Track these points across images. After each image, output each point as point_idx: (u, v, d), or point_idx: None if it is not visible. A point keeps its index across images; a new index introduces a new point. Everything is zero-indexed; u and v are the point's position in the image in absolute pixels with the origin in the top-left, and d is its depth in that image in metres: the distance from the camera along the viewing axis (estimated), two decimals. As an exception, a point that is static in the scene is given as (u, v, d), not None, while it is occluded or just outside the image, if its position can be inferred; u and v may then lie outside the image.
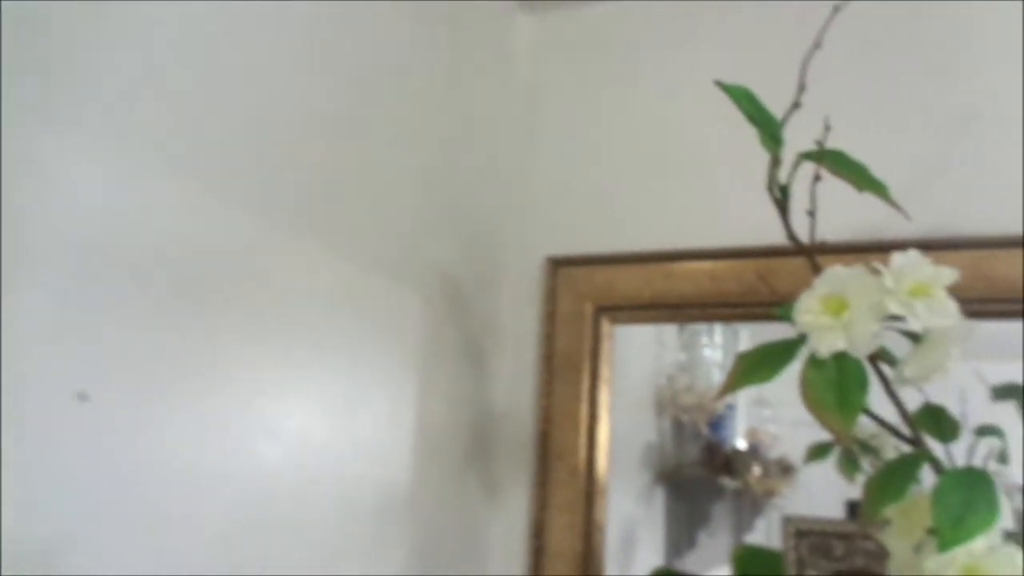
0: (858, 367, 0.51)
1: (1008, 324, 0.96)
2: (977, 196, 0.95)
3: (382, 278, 0.88)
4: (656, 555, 1.20)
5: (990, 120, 0.96)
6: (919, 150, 0.99)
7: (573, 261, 1.10)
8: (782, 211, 0.54)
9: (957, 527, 0.47)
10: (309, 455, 0.74)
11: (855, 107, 1.02)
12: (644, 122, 1.12)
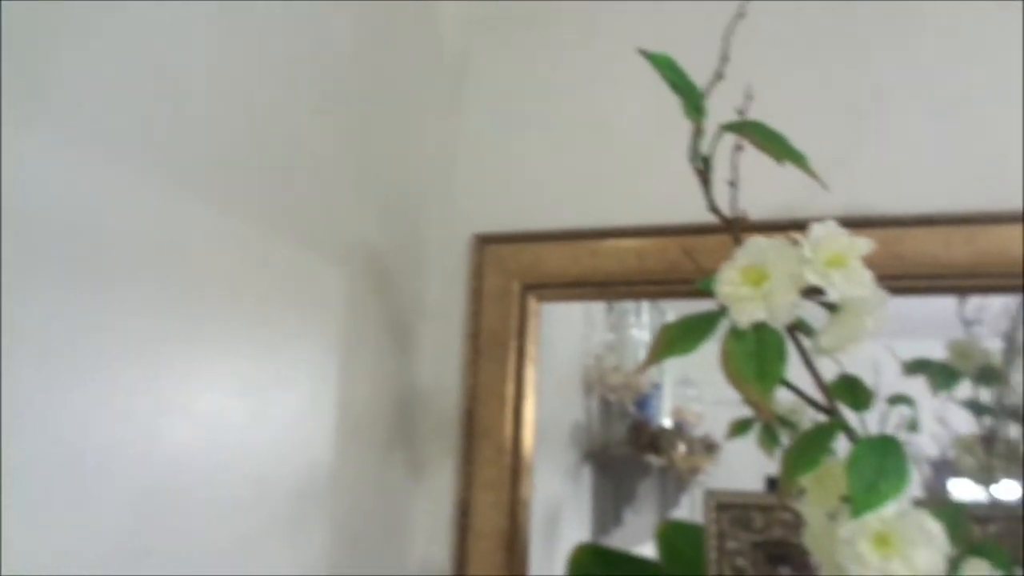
0: (777, 338, 0.51)
1: (922, 302, 1.00)
2: (892, 175, 0.98)
3: (303, 254, 0.85)
4: (583, 532, 1.21)
5: (908, 100, 0.99)
6: (837, 128, 1.01)
7: (500, 238, 1.09)
8: (704, 182, 0.54)
9: (870, 493, 0.47)
10: (221, 436, 0.71)
11: (778, 85, 1.04)
12: (572, 99, 1.11)
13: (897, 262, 0.95)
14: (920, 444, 0.92)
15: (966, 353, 1.02)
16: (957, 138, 0.96)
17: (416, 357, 1.08)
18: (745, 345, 0.51)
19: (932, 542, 0.48)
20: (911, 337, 1.00)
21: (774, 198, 1.01)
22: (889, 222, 0.95)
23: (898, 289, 0.94)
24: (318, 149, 0.88)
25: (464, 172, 1.15)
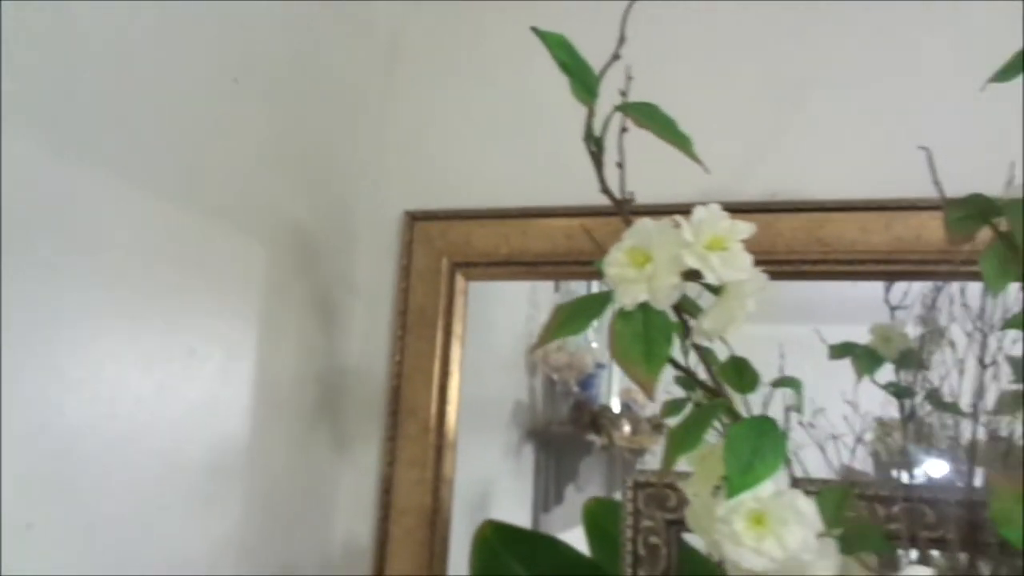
0: (664, 320, 0.52)
1: (856, 289, 1.02)
2: (815, 162, 0.99)
3: (220, 226, 0.83)
4: (524, 510, 1.22)
5: (831, 89, 1.00)
6: (762, 115, 1.02)
7: (430, 216, 1.08)
8: (597, 164, 0.54)
9: (746, 473, 0.48)
10: (124, 408, 0.70)
11: (705, 73, 1.05)
12: (504, 79, 1.10)
13: (819, 246, 0.96)
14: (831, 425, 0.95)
15: (888, 337, 1.04)
16: (877, 127, 0.97)
17: (344, 334, 1.08)
18: (632, 326, 0.52)
19: (803, 521, 0.49)
20: (846, 322, 1.02)
21: (699, 183, 1.02)
22: (811, 207, 0.97)
23: (818, 273, 0.98)
24: (241, 125, 0.87)
25: (396, 149, 1.14)
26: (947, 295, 0.96)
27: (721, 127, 1.02)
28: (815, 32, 1.01)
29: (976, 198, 0.61)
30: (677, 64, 1.05)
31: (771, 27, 1.03)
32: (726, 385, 0.55)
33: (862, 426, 0.99)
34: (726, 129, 1.02)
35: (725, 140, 1.02)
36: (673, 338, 0.52)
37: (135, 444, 0.71)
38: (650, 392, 0.52)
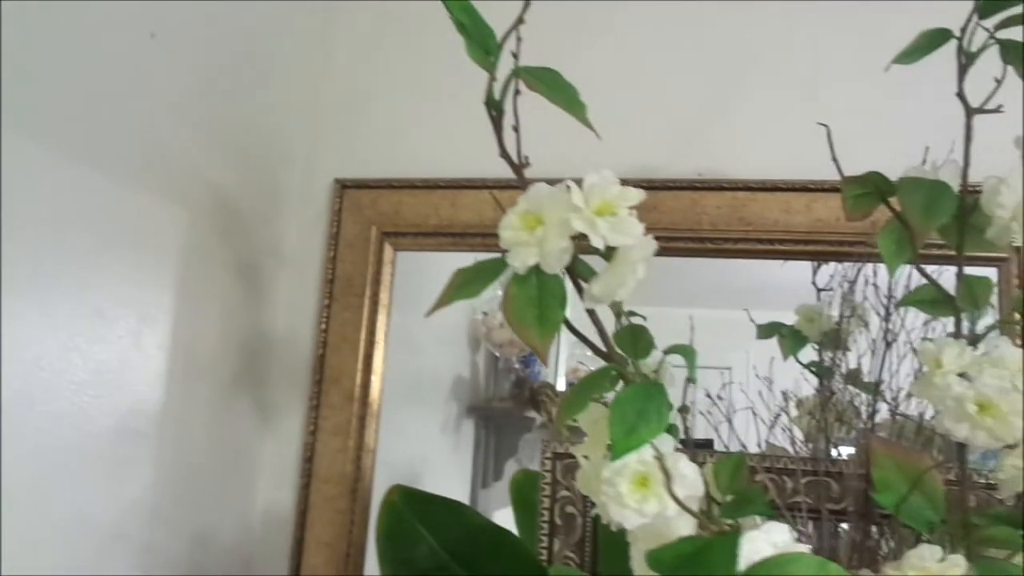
0: (557, 284, 0.52)
1: (791, 272, 1.03)
2: (739, 143, 1.00)
3: (135, 188, 0.81)
4: (463, 485, 1.22)
5: (754, 72, 1.01)
6: (688, 97, 1.03)
7: (360, 184, 1.07)
8: (496, 128, 0.54)
9: (629, 436, 0.49)
10: (24, 369, 0.68)
11: (631, 56, 1.05)
12: (436, 49, 1.09)
13: (741, 225, 0.98)
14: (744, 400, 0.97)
15: (812, 318, 1.06)
16: (800, 111, 0.99)
17: (270, 301, 1.06)
18: (527, 290, 0.52)
19: (685, 483, 0.49)
20: (779, 307, 1.04)
21: (630, 160, 1.03)
22: (735, 187, 0.98)
23: (740, 251, 0.99)
24: (160, 83, 0.84)
25: (328, 117, 1.12)
26: (864, 276, 0.98)
27: (651, 107, 1.03)
28: (744, 17, 1.02)
29: (873, 176, 0.62)
30: (608, 47, 1.05)
31: (701, 11, 1.04)
32: (621, 351, 0.55)
33: (778, 403, 1.01)
34: (656, 109, 1.03)
35: (655, 120, 1.03)
36: (567, 303, 0.52)
37: (38, 404, 0.69)
38: (543, 356, 0.53)
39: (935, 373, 0.58)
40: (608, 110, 1.05)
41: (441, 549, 0.70)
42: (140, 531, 0.82)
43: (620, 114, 1.05)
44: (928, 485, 0.54)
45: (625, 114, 1.05)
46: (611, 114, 1.05)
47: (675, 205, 0.99)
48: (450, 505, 0.71)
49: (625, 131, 1.04)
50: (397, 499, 0.71)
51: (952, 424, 0.57)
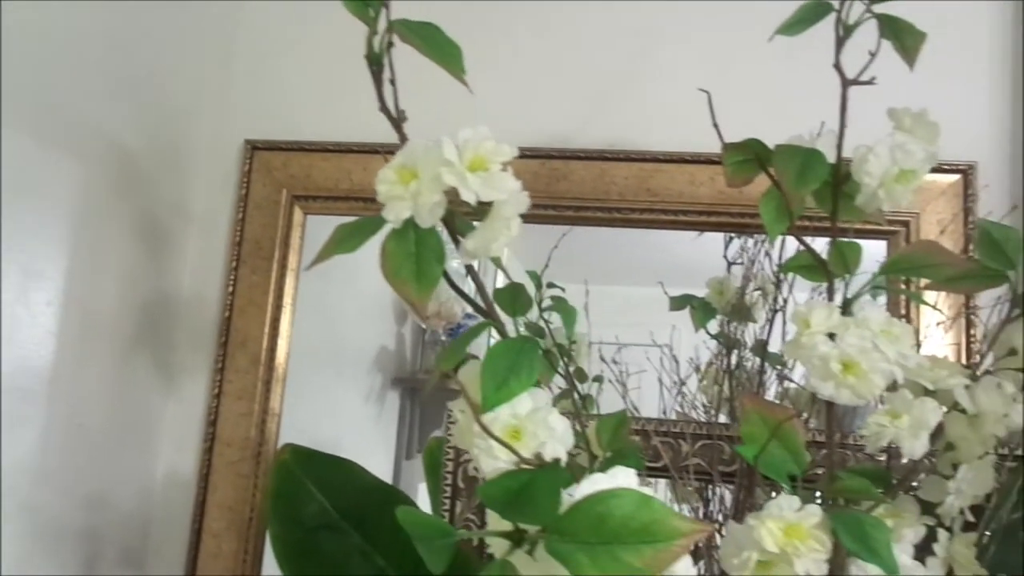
0: (435, 240, 0.52)
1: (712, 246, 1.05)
2: (648, 115, 1.02)
3: (24, 138, 0.78)
4: (387, 456, 1.22)
5: (662, 45, 1.03)
6: (599, 69, 1.04)
7: (272, 146, 1.06)
8: (376, 83, 0.54)
9: (500, 389, 0.50)
10: None
11: (543, 27, 1.06)
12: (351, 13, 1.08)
13: (648, 196, 1.00)
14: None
15: (721, 290, 1.09)
16: (707, 84, 1.00)
17: (176, 262, 1.04)
18: (404, 246, 0.52)
19: (554, 436, 0.51)
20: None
21: (545, 130, 1.04)
22: (643, 158, 1.00)
23: (646, 222, 1.01)
24: (54, 31, 0.81)
25: (241, 78, 1.10)
26: (764, 247, 1.01)
27: (563, 79, 1.04)
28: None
29: (752, 143, 0.64)
30: (521, 18, 1.05)
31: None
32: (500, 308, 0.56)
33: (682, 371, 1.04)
34: (568, 80, 1.04)
35: (567, 91, 1.04)
36: (445, 259, 0.53)
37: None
38: (422, 312, 0.53)
39: (803, 333, 0.60)
40: (521, 81, 1.06)
41: (331, 508, 0.70)
42: (24, 491, 0.80)
43: (532, 85, 1.06)
44: (790, 439, 0.57)
45: (537, 85, 1.05)
46: (524, 85, 1.06)
47: (585, 175, 1.01)
48: (341, 464, 0.71)
49: (537, 101, 1.05)
50: (288, 458, 0.71)
51: (818, 382, 0.60)
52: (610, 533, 0.36)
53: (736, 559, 0.55)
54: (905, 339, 0.61)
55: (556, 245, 1.00)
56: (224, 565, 0.97)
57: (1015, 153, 0.96)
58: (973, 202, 0.94)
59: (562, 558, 0.36)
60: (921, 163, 0.60)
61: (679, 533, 0.36)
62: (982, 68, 0.98)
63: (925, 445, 0.61)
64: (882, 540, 0.52)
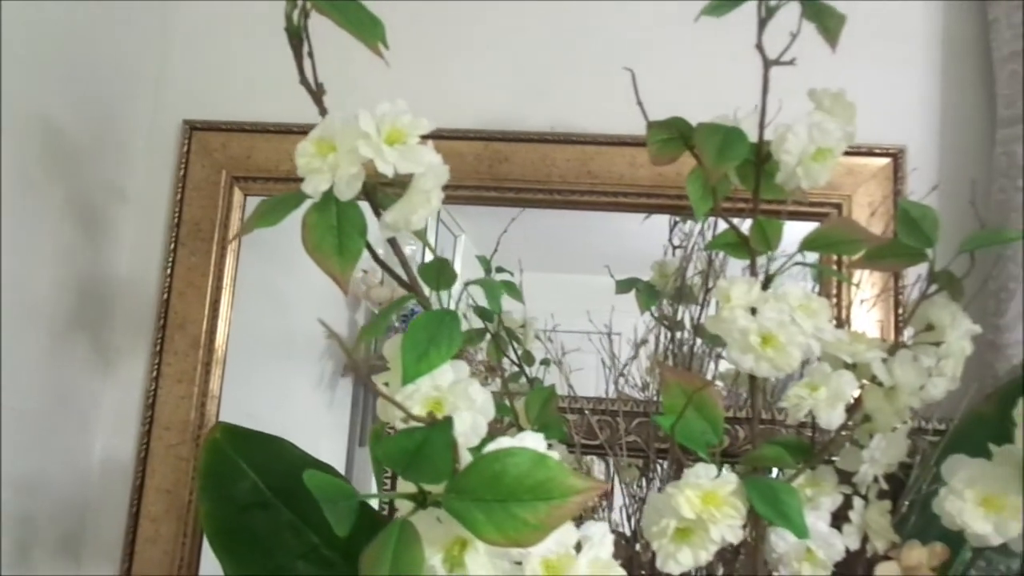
0: (356, 214, 0.53)
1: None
2: (588, 97, 1.03)
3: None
4: (339, 443, 1.22)
5: (604, 29, 1.04)
6: (541, 53, 1.05)
7: (211, 126, 1.04)
8: (296, 56, 0.54)
9: (420, 360, 0.50)
10: None
11: (486, 10, 1.06)
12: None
13: (588, 178, 1.01)
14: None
15: (666, 273, 1.10)
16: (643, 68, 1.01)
17: (113, 243, 1.03)
18: (326, 219, 0.52)
19: (474, 406, 0.51)
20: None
21: (486, 112, 1.04)
22: (584, 140, 1.01)
23: (587, 203, 1.02)
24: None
25: (179, 57, 1.08)
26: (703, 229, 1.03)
27: (506, 62, 1.04)
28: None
29: (676, 121, 0.65)
30: (463, 2, 1.05)
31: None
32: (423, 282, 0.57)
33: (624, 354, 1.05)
34: (510, 64, 1.04)
35: (509, 74, 1.04)
36: (366, 231, 0.53)
37: None
38: (344, 286, 0.53)
39: (724, 308, 0.61)
40: (463, 64, 1.06)
41: (263, 485, 0.70)
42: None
43: (475, 68, 1.06)
44: (708, 409, 0.58)
45: (480, 68, 1.06)
46: (466, 68, 1.06)
47: (527, 157, 1.01)
48: (273, 442, 0.71)
49: (480, 84, 1.05)
50: (220, 436, 0.71)
51: (738, 356, 0.61)
52: (505, 490, 0.37)
53: (656, 527, 0.56)
54: (822, 313, 0.62)
55: (505, 230, 1.02)
56: (163, 549, 0.96)
57: (943, 137, 0.99)
58: (902, 185, 0.97)
59: (459, 515, 0.36)
60: (837, 142, 0.62)
61: (574, 490, 0.37)
62: (912, 55, 1.01)
63: (841, 416, 0.63)
64: (794, 505, 0.54)
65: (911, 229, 0.65)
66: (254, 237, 1.06)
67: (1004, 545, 0.68)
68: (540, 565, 0.46)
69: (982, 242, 0.65)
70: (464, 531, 0.36)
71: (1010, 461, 0.57)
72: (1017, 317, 0.88)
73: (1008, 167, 0.91)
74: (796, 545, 0.62)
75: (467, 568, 0.38)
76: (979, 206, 0.91)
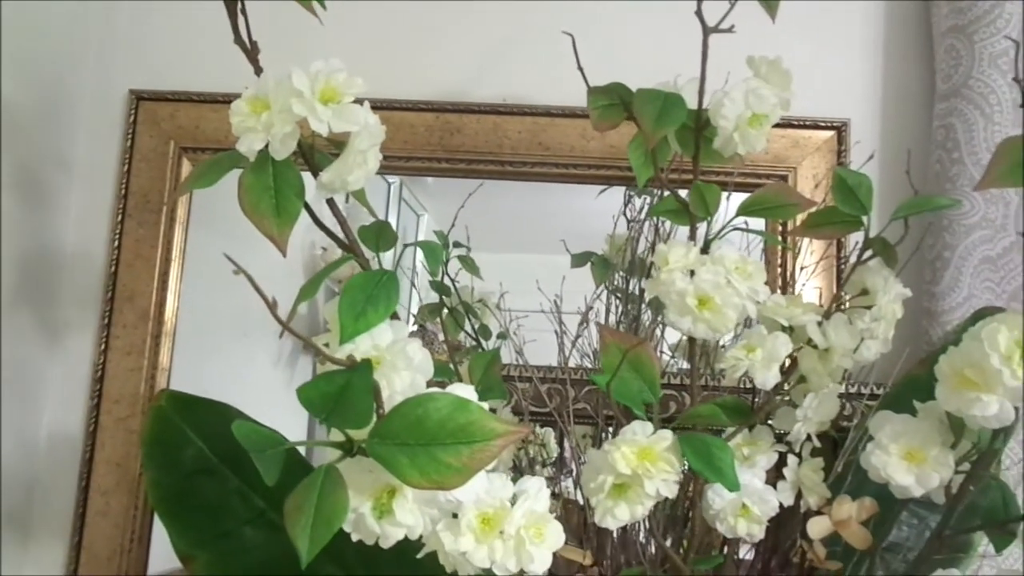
0: (293, 174, 0.53)
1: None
2: (540, 69, 1.03)
3: None
4: (299, 419, 1.21)
5: (556, 3, 1.04)
6: (493, 24, 1.04)
7: (158, 96, 1.03)
8: (231, 16, 0.54)
9: (358, 320, 0.51)
10: None
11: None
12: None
13: (540, 150, 1.01)
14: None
15: (620, 247, 1.11)
16: (596, 41, 1.02)
17: (58, 216, 1.01)
18: (262, 179, 0.52)
19: (412, 365, 0.52)
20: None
21: (438, 83, 1.04)
22: (536, 112, 1.01)
23: (539, 175, 1.03)
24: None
25: (125, 25, 1.06)
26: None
27: (458, 33, 1.04)
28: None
29: (616, 87, 0.66)
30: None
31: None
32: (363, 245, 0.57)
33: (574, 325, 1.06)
34: (462, 35, 1.04)
35: (461, 45, 1.04)
36: (303, 192, 0.53)
37: None
38: (282, 247, 0.54)
39: (663, 270, 0.63)
40: (415, 36, 1.06)
41: (209, 451, 0.70)
42: None
43: (426, 40, 1.05)
44: (645, 368, 0.59)
45: (431, 40, 1.05)
46: (417, 39, 1.06)
47: (479, 128, 1.01)
48: (218, 408, 0.71)
49: (431, 56, 1.05)
50: (165, 404, 0.71)
51: (676, 318, 0.63)
52: (428, 434, 0.37)
53: (593, 483, 0.57)
54: (758, 276, 0.64)
55: (462, 205, 1.02)
56: (114, 522, 0.96)
57: (885, 111, 1.02)
58: (846, 157, 0.99)
59: (383, 460, 0.37)
60: (773, 108, 0.63)
61: (495, 434, 0.38)
62: (856, 31, 1.03)
63: (776, 376, 0.65)
64: (726, 460, 0.56)
65: (847, 197, 0.67)
66: (209, 211, 1.06)
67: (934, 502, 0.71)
68: (476, 518, 0.47)
69: (915, 208, 0.67)
70: (392, 479, 0.37)
71: (933, 415, 0.59)
72: (951, 285, 0.91)
73: (945, 139, 0.93)
74: (732, 501, 0.64)
75: (396, 515, 0.39)
76: (916, 177, 0.93)
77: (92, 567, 0.95)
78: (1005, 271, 0.93)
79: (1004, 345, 0.52)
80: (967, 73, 0.92)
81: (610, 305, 1.04)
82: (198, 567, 0.68)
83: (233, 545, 0.68)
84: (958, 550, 0.76)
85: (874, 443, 0.59)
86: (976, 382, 0.53)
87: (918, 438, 0.58)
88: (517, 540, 0.47)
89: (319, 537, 0.35)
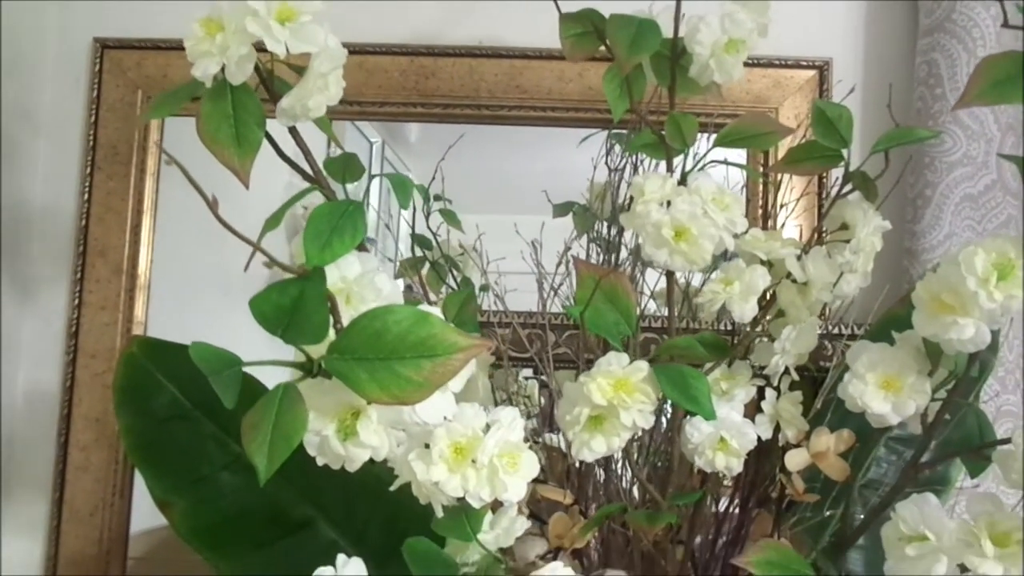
0: (252, 101, 0.51)
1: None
2: (516, 11, 1.00)
3: None
4: (282, 372, 1.20)
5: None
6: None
7: (123, 44, 1.00)
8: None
9: (323, 250, 0.50)
10: None
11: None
12: None
13: (517, 93, 0.99)
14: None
15: (602, 196, 1.10)
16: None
17: (25, 170, 0.99)
18: (221, 107, 0.51)
19: (380, 296, 0.51)
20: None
21: (413, 26, 1.02)
22: (512, 55, 0.99)
23: (516, 118, 1.01)
24: None
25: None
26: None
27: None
28: None
29: (589, 13, 0.64)
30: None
31: None
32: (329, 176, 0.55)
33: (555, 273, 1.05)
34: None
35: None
36: (265, 121, 0.52)
37: None
38: (244, 178, 0.52)
39: (639, 202, 0.62)
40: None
41: (183, 397, 0.69)
42: None
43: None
44: (621, 301, 0.59)
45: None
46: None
47: (454, 72, 0.99)
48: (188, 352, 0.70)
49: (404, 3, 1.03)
50: (136, 350, 0.69)
51: (652, 250, 0.62)
52: (387, 348, 0.36)
53: (569, 416, 0.57)
54: (735, 207, 0.63)
55: (443, 157, 1.00)
56: (94, 477, 0.95)
57: (867, 49, 1.00)
58: (828, 96, 0.98)
59: (342, 375, 0.36)
60: (749, 32, 0.62)
61: (457, 347, 0.37)
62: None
63: (754, 309, 0.64)
64: (702, 390, 0.55)
65: (827, 130, 0.66)
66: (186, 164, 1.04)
67: (911, 436, 0.71)
68: (448, 447, 0.46)
69: (895, 140, 0.66)
70: (355, 398, 0.36)
71: (910, 344, 0.59)
72: (932, 223, 0.90)
73: (928, 75, 0.92)
74: (710, 435, 0.63)
75: (360, 436, 0.38)
76: (899, 114, 0.92)
77: (74, 523, 0.95)
78: (986, 209, 0.92)
79: (981, 268, 0.52)
80: (950, 7, 0.90)
81: (590, 253, 1.02)
82: (175, 513, 0.68)
83: (210, 490, 0.67)
84: (936, 483, 0.76)
85: (851, 372, 0.59)
86: (953, 306, 0.53)
87: (895, 366, 0.58)
88: (490, 469, 0.46)
89: (277, 454, 0.34)
